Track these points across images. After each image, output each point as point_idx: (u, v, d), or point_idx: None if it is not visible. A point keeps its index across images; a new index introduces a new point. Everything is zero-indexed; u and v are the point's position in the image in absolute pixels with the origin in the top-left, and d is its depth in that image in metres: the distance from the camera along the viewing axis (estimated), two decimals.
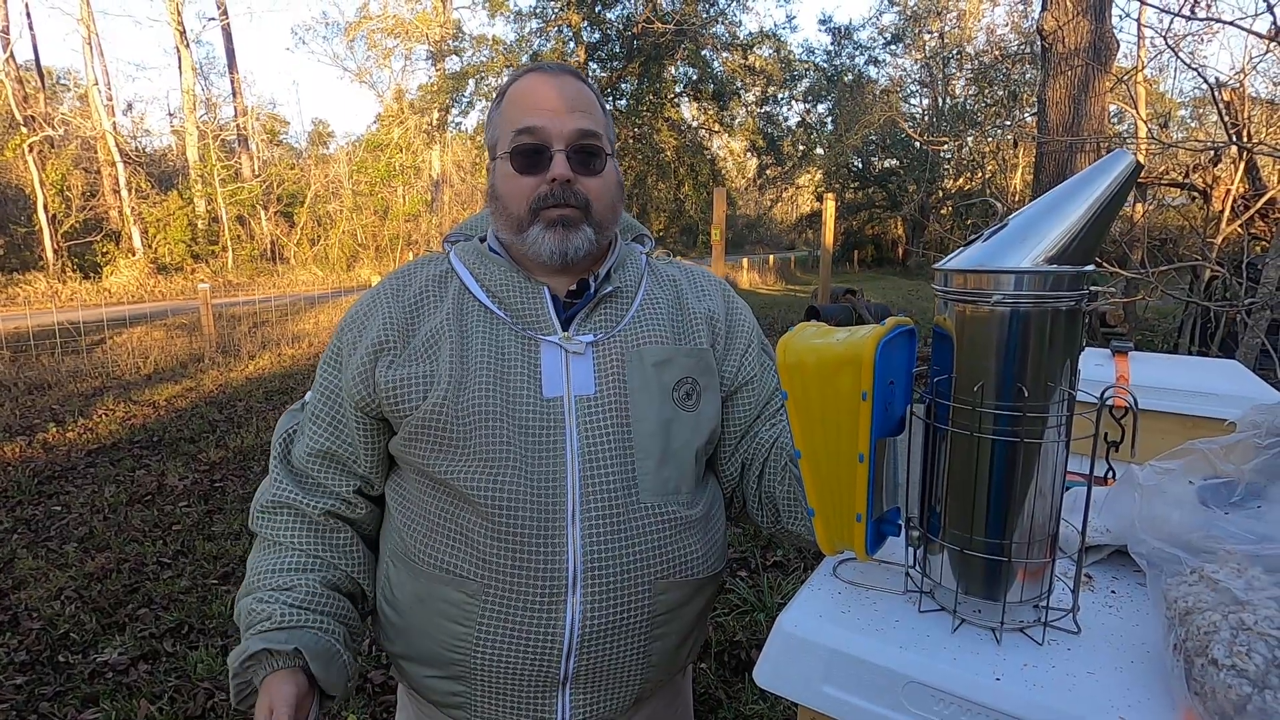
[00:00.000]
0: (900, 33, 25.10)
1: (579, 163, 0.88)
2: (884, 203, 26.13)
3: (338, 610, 0.89)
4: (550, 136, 0.86)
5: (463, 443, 0.84)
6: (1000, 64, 21.98)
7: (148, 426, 5.12)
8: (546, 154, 0.87)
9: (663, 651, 0.91)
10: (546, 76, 0.90)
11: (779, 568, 2.99)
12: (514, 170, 0.88)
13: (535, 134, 0.86)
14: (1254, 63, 5.16)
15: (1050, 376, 0.60)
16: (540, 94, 0.88)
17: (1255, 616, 0.49)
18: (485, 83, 19.19)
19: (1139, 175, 0.60)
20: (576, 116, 0.87)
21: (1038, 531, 0.63)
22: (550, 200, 0.87)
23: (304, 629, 0.84)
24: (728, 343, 0.98)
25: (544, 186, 0.87)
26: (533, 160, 0.87)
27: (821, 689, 0.63)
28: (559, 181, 0.86)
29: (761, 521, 0.98)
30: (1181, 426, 1.06)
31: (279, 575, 0.88)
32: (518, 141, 0.87)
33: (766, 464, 0.94)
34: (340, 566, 0.91)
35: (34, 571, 2.99)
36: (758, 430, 0.98)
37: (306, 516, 0.91)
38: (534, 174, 0.87)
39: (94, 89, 16.87)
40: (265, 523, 0.92)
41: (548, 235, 0.87)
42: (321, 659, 0.83)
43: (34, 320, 8.56)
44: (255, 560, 0.91)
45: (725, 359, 0.98)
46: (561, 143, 0.87)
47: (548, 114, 0.87)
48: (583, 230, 0.88)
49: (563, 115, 0.87)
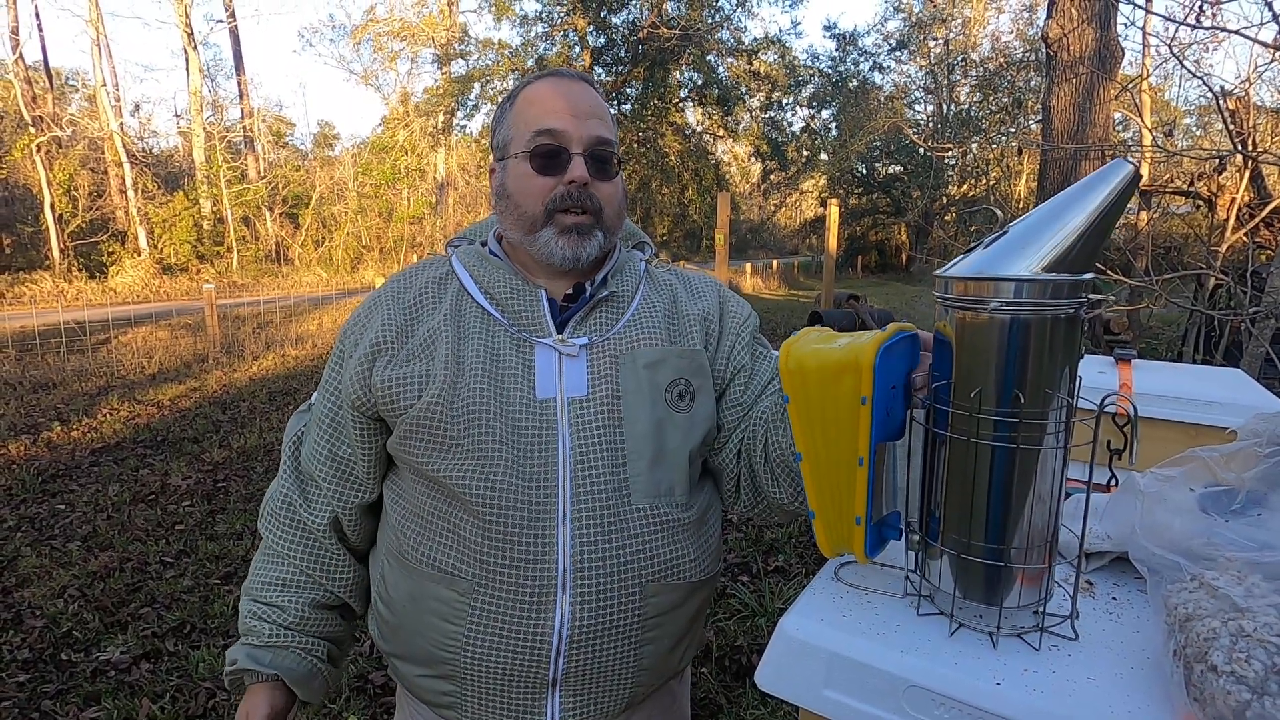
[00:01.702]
0: (905, 39, 25.12)
1: (595, 168, 0.89)
2: (888, 209, 26.13)
3: (323, 629, 0.97)
4: (570, 140, 0.88)
5: (456, 441, 0.84)
6: (1005, 71, 21.99)
7: (152, 426, 5.13)
8: (565, 156, 0.88)
9: (655, 655, 0.91)
10: (565, 82, 0.91)
11: (780, 573, 2.98)
12: (532, 170, 0.89)
13: (556, 136, 0.88)
14: (1259, 71, 5.16)
15: (1049, 383, 0.60)
16: (560, 98, 0.89)
17: (1255, 623, 0.50)
18: (490, 86, 19.25)
19: (1138, 184, 0.60)
20: (594, 123, 0.89)
21: (1036, 537, 0.63)
22: (567, 202, 0.88)
23: (288, 650, 0.94)
24: (721, 337, 0.98)
25: (561, 188, 0.88)
26: (552, 161, 0.88)
27: (823, 692, 0.63)
28: (577, 184, 0.87)
29: (778, 495, 0.91)
30: (1184, 434, 1.06)
31: (273, 590, 0.96)
32: (537, 142, 0.88)
33: (770, 434, 0.88)
34: (329, 588, 0.97)
35: (37, 570, 3.00)
36: (756, 409, 0.95)
37: (306, 529, 0.96)
38: (552, 175, 0.88)
39: (102, 90, 16.96)
40: (270, 526, 0.98)
41: (561, 240, 0.88)
42: (300, 681, 0.94)
43: (40, 319, 8.60)
44: (257, 563, 0.99)
45: (717, 353, 0.97)
46: (580, 146, 0.88)
47: (567, 118, 0.88)
48: (594, 236, 0.90)
49: (582, 120, 0.88)
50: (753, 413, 0.95)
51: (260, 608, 0.95)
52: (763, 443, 0.91)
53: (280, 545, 0.96)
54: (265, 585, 0.96)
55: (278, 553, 0.96)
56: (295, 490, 0.96)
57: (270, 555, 0.97)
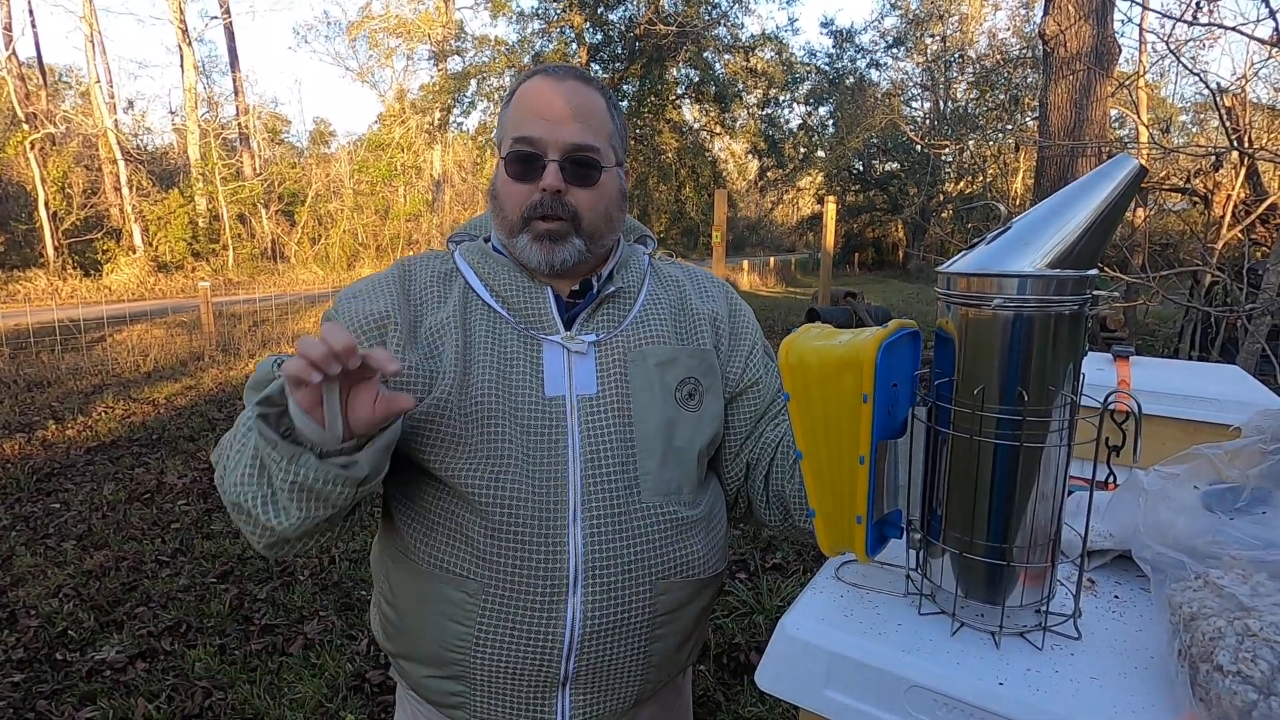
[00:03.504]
0: (902, 36, 25.10)
1: (572, 174, 0.87)
2: (885, 206, 26.13)
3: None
4: (545, 146, 0.86)
5: (464, 440, 0.84)
6: (1002, 68, 21.99)
7: (147, 424, 5.11)
8: (540, 163, 0.86)
9: (663, 652, 0.91)
10: (552, 82, 0.88)
11: (778, 570, 2.98)
12: (508, 176, 0.88)
13: (532, 143, 0.86)
14: (1255, 68, 5.17)
15: (1052, 381, 0.59)
16: (542, 101, 0.87)
17: (1261, 623, 0.49)
18: (487, 83, 19.21)
19: (1143, 180, 0.60)
20: (575, 128, 0.86)
21: (1039, 536, 0.62)
22: (540, 210, 0.86)
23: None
24: (731, 344, 0.98)
25: (536, 194, 0.87)
26: (526, 168, 0.87)
27: (823, 692, 0.63)
28: (549, 192, 0.86)
29: (769, 520, 0.98)
30: (1183, 432, 1.06)
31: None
32: (513, 149, 0.87)
33: (774, 463, 0.94)
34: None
35: (32, 569, 2.99)
36: (762, 430, 0.98)
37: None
38: (526, 182, 0.87)
39: (96, 86, 16.88)
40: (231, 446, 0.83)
41: (534, 246, 0.87)
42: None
43: (34, 317, 8.55)
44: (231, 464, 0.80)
45: (730, 360, 0.98)
46: (556, 153, 0.86)
47: (546, 123, 0.86)
48: (571, 243, 0.88)
49: (561, 125, 0.86)
50: (763, 436, 0.97)
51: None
52: (764, 473, 0.95)
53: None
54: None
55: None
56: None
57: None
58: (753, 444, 0.98)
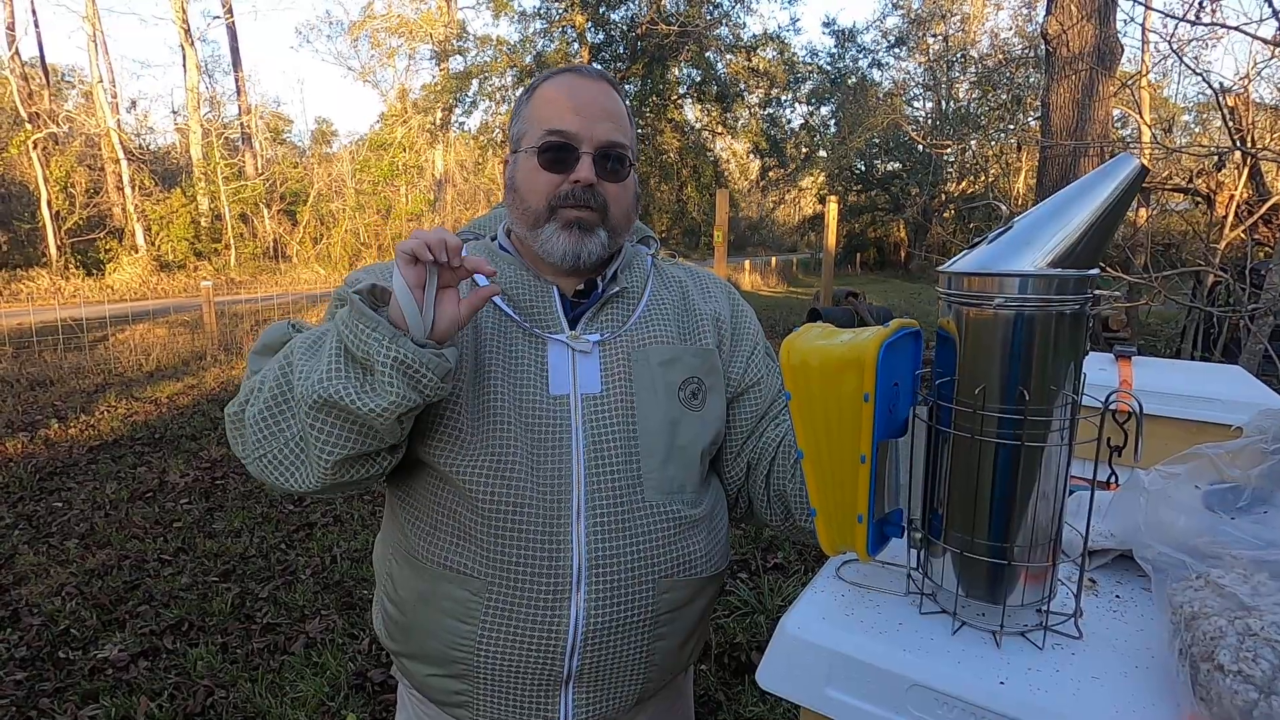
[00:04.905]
0: (904, 36, 25.07)
1: (604, 168, 0.88)
2: (886, 206, 26.10)
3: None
4: (580, 140, 0.87)
5: (470, 437, 0.84)
6: (1004, 68, 21.95)
7: (149, 424, 5.12)
8: (574, 154, 0.87)
9: (666, 650, 0.91)
10: (584, 80, 0.90)
11: (779, 569, 2.98)
12: (539, 166, 0.88)
13: (566, 135, 0.87)
14: (1258, 68, 5.16)
15: (1053, 380, 0.59)
16: (576, 97, 0.89)
17: (1262, 622, 0.49)
18: (489, 83, 19.21)
19: (1144, 180, 0.60)
20: (607, 125, 0.88)
21: (1039, 535, 0.62)
22: (570, 200, 0.87)
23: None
24: (734, 344, 0.99)
25: (567, 185, 0.87)
26: (560, 159, 0.88)
27: (825, 691, 0.63)
28: (582, 183, 0.87)
29: (770, 520, 0.98)
30: (1185, 432, 1.06)
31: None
32: (547, 140, 0.87)
33: (775, 463, 0.95)
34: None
35: (35, 567, 2.99)
36: (764, 430, 0.98)
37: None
38: (559, 172, 0.88)
39: (98, 86, 16.89)
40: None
41: (562, 236, 0.88)
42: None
43: (37, 316, 8.57)
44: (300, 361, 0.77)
45: (732, 360, 0.98)
46: (590, 146, 0.87)
47: (580, 118, 0.87)
48: (597, 234, 0.89)
49: (597, 121, 0.88)
50: (764, 435, 0.97)
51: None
52: (765, 472, 0.96)
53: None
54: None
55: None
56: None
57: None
58: (754, 443, 0.98)
